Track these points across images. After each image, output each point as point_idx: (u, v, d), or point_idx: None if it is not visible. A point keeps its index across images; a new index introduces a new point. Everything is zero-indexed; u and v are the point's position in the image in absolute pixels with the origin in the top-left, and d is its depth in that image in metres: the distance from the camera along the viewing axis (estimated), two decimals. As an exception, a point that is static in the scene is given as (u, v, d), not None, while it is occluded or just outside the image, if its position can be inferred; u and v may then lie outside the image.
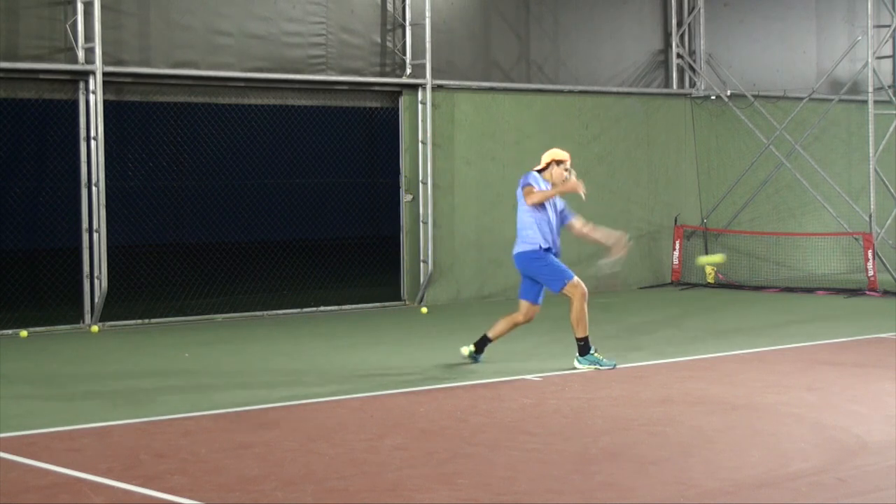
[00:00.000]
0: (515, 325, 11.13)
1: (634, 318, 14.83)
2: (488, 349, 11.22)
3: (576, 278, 10.84)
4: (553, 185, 10.92)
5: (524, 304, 11.03)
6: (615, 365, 10.81)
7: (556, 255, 10.96)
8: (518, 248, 10.97)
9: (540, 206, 10.84)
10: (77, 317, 14.09)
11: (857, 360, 11.27)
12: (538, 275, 10.89)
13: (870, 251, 17.33)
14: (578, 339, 10.80)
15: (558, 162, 11.04)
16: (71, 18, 13.91)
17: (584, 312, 10.73)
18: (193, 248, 16.87)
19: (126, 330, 14.11)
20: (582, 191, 10.84)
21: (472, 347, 11.24)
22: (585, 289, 10.83)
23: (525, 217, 10.91)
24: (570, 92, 17.90)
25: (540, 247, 10.85)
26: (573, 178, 10.97)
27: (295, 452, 7.58)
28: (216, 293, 15.42)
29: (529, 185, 10.85)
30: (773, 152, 19.10)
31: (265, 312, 15.36)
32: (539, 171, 11.01)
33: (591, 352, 10.82)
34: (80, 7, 13.87)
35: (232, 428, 8.39)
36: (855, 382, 9.95)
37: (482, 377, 10.45)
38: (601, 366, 10.75)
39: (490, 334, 11.19)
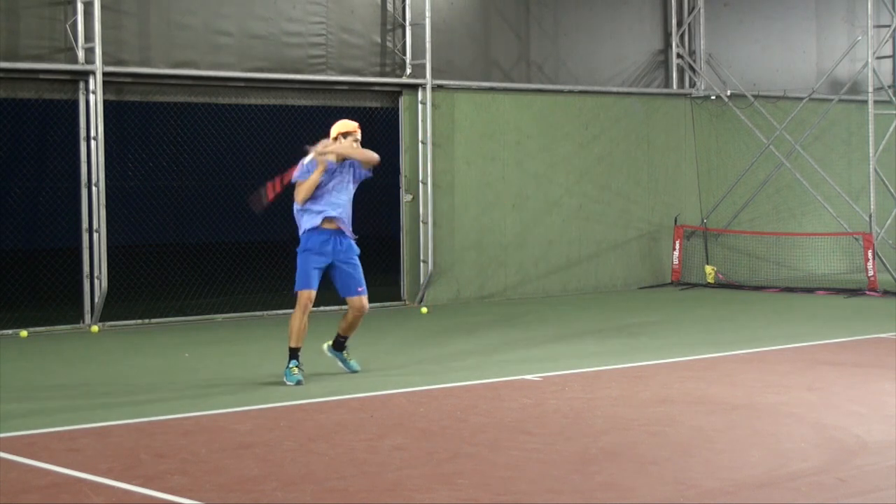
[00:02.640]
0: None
1: (634, 318, 14.83)
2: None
3: (310, 292, 10.33)
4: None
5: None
6: (298, 382, 10.05)
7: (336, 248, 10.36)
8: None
9: (317, 195, 10.28)
10: (77, 317, 14.09)
11: (857, 360, 11.27)
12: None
13: (870, 251, 17.33)
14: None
15: (345, 134, 10.41)
16: (71, 18, 13.91)
17: (295, 326, 10.25)
18: (193, 248, 16.87)
19: (126, 330, 14.11)
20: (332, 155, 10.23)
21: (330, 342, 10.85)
22: (308, 306, 10.31)
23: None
24: (570, 92, 17.90)
25: (306, 242, 10.39)
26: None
27: (295, 452, 7.58)
28: (216, 293, 15.41)
29: (298, 180, 10.34)
30: (773, 152, 19.10)
31: (265, 312, 15.36)
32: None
33: (290, 366, 10.21)
34: (80, 7, 13.87)
35: (232, 428, 8.39)
36: (855, 382, 9.95)
37: (482, 377, 10.45)
38: (287, 380, 10.12)
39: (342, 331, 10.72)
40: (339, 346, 10.76)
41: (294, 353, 10.27)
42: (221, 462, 7.34)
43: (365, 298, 10.52)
